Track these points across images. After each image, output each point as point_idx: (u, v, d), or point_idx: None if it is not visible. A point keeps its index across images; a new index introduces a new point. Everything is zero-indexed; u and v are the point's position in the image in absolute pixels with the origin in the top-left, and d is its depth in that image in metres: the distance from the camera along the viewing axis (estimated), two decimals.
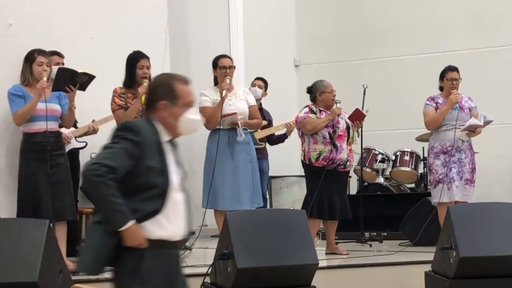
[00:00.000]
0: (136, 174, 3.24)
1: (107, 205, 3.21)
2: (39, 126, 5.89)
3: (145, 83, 6.15)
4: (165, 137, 3.38)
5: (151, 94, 3.44)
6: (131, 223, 3.21)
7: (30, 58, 5.97)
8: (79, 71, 6.02)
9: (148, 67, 6.23)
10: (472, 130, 6.88)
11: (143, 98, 6.12)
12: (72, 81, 5.96)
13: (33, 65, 5.93)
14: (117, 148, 3.23)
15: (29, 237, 4.43)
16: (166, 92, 3.37)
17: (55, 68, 6.37)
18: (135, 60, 6.22)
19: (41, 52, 6.00)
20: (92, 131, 6.63)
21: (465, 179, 6.87)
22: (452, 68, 7.01)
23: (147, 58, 6.25)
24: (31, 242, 4.40)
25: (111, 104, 6.20)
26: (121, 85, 6.26)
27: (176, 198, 3.35)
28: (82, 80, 6.05)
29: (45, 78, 5.84)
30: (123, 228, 3.20)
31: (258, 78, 8.35)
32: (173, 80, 3.42)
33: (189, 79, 3.47)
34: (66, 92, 6.00)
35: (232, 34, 9.73)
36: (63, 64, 6.55)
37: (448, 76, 6.97)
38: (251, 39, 9.82)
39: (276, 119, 8.29)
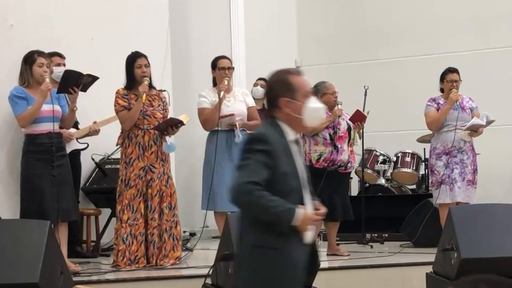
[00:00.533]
0: (275, 182, 3.21)
1: (270, 211, 3.16)
2: (44, 127, 5.87)
3: (146, 81, 6.14)
4: (291, 136, 3.36)
5: (269, 94, 3.41)
6: (299, 210, 3.17)
7: (30, 59, 5.95)
8: (84, 73, 6.01)
9: (146, 66, 6.22)
10: (474, 130, 6.87)
11: (144, 97, 6.13)
12: (76, 82, 5.95)
13: (34, 67, 5.91)
14: (251, 163, 3.20)
15: (30, 238, 4.42)
16: (283, 88, 3.34)
17: (56, 69, 6.38)
18: (132, 60, 6.22)
19: (40, 53, 5.98)
20: (93, 132, 6.64)
21: (467, 180, 6.87)
22: (451, 70, 7.01)
23: (144, 56, 6.24)
24: (32, 243, 4.39)
25: (115, 106, 6.20)
26: (123, 86, 6.26)
27: (307, 199, 3.34)
28: (86, 82, 6.04)
29: (47, 79, 5.82)
30: (295, 218, 3.15)
31: (260, 79, 8.36)
32: (287, 74, 3.39)
33: (301, 71, 3.45)
34: (69, 94, 5.98)
35: (233, 35, 9.72)
36: (64, 65, 6.55)
37: (448, 78, 6.96)
38: (252, 40, 9.81)
39: None
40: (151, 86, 6.26)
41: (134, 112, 6.10)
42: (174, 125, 6.25)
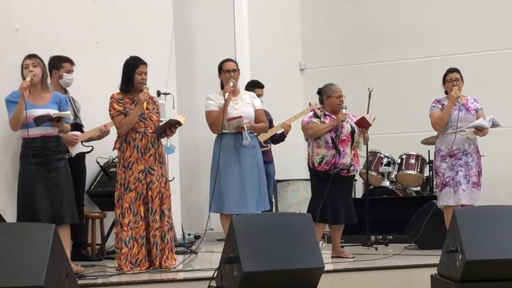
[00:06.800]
0: None
1: None
2: (38, 131, 5.84)
3: (145, 89, 6.16)
4: None
5: None
6: None
7: (22, 64, 5.99)
8: (52, 114, 5.84)
9: (146, 73, 6.23)
10: (479, 129, 6.90)
11: (145, 105, 6.14)
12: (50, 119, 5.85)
13: (24, 70, 5.96)
14: None
15: (35, 241, 4.43)
16: None
17: (66, 76, 6.51)
18: (135, 65, 6.20)
19: (28, 56, 5.99)
20: (104, 132, 6.62)
21: (472, 183, 6.87)
22: (451, 70, 7.08)
23: (146, 64, 6.24)
24: (37, 246, 4.40)
25: (110, 110, 6.17)
26: (117, 90, 6.25)
27: None
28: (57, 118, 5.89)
29: (28, 79, 5.82)
30: None
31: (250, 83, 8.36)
32: None
33: None
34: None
35: (238, 38, 9.75)
36: (72, 71, 6.65)
37: (448, 78, 7.03)
38: (256, 43, 9.84)
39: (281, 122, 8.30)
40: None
41: (132, 118, 6.10)
42: (172, 126, 6.28)
